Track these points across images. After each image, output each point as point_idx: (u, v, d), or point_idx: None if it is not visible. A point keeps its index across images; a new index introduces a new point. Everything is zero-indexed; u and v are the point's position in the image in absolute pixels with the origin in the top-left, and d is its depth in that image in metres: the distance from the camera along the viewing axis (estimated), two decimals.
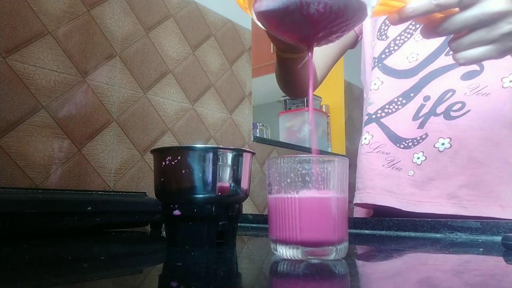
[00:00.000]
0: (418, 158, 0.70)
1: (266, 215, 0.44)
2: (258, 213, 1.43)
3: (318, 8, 0.40)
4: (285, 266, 0.35)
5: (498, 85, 0.66)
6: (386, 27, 0.78)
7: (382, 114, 0.75)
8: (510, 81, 0.66)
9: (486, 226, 0.55)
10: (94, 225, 0.64)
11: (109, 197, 0.75)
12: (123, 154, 1.04)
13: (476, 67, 0.67)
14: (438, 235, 0.57)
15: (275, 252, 0.38)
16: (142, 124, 1.09)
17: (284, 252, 0.37)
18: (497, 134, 0.66)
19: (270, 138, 1.75)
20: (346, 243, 0.38)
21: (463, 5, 0.45)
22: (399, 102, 0.73)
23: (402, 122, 0.73)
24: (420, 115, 0.71)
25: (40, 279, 0.31)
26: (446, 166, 0.68)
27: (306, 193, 0.37)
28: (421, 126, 0.70)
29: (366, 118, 0.78)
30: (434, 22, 0.47)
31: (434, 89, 0.70)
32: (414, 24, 0.74)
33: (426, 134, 0.70)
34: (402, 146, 0.72)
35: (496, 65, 0.61)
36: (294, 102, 2.01)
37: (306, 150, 1.78)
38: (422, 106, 0.71)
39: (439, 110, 0.69)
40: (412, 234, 0.59)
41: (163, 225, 0.69)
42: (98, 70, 1.00)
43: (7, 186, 0.79)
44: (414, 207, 0.69)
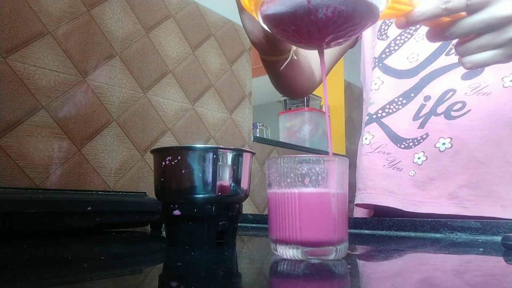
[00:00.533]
0: (419, 158, 0.70)
1: (266, 215, 0.44)
2: (258, 213, 1.43)
3: (327, 13, 0.39)
4: (285, 266, 0.35)
5: (498, 84, 0.66)
6: (386, 27, 0.77)
7: (383, 114, 0.75)
8: (511, 80, 0.66)
9: (486, 226, 0.55)
10: (94, 225, 0.64)
11: (109, 197, 0.75)
12: (123, 154, 1.04)
13: None
14: (438, 235, 0.57)
15: (275, 252, 0.38)
16: (142, 124, 1.09)
17: (284, 252, 0.37)
18: (498, 133, 0.66)
19: (270, 138, 1.75)
20: (346, 243, 0.38)
21: (471, 9, 0.45)
22: (400, 102, 0.73)
23: (402, 122, 0.73)
24: (420, 115, 0.71)
25: (40, 279, 0.31)
26: (447, 166, 0.68)
27: (306, 193, 0.37)
28: (421, 126, 0.70)
29: (366, 118, 0.78)
30: (441, 26, 0.47)
31: (434, 89, 0.70)
32: None
33: (427, 134, 0.70)
34: (403, 146, 0.72)
35: (496, 64, 0.61)
36: (294, 102, 2.01)
37: (306, 150, 1.78)
38: (422, 106, 0.71)
39: (440, 110, 0.69)
40: (412, 234, 0.59)
41: (163, 225, 0.69)
42: (98, 70, 1.00)
43: (7, 186, 0.79)
44: (415, 207, 0.69)
